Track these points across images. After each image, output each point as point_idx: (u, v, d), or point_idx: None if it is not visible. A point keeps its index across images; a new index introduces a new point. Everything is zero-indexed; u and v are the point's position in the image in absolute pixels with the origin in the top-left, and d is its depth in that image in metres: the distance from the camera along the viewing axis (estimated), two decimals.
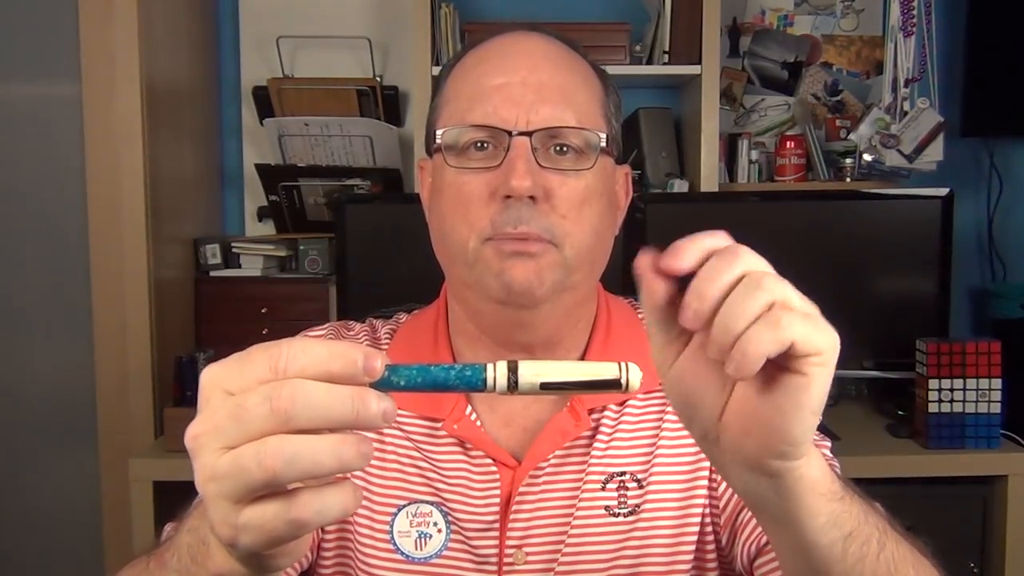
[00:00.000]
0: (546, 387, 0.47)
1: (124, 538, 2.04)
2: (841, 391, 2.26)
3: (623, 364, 0.48)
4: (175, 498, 0.89)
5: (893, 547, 0.61)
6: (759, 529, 0.79)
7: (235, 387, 0.46)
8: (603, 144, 0.81)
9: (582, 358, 0.87)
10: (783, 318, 0.47)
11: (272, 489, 0.45)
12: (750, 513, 0.79)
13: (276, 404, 0.44)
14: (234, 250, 2.36)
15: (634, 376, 0.47)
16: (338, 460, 0.44)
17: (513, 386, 0.47)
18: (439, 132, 0.82)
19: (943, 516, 1.88)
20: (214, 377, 0.47)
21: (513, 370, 0.47)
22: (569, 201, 0.79)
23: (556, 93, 0.80)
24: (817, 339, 0.48)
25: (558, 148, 0.80)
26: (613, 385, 0.47)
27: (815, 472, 0.54)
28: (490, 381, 0.46)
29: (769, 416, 0.49)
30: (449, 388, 0.47)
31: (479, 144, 0.80)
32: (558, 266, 0.79)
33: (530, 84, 0.80)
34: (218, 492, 0.45)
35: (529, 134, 0.78)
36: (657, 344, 0.53)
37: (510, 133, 0.78)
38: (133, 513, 1.92)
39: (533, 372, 0.47)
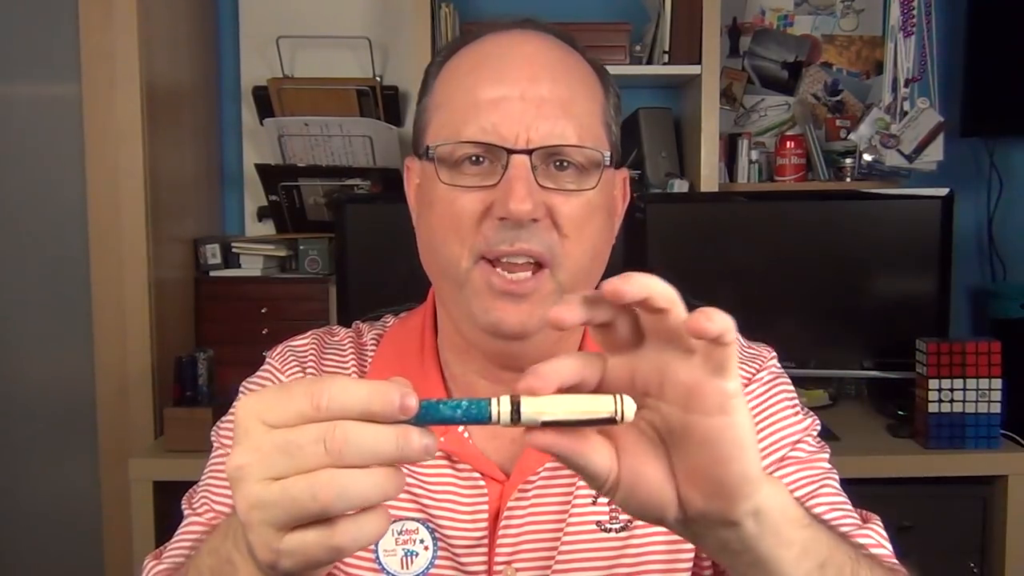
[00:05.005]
0: (547, 424, 0.49)
1: (124, 538, 2.04)
2: (841, 391, 2.25)
3: (617, 396, 0.50)
4: (175, 498, 0.89)
5: (867, 572, 0.61)
6: None
7: (276, 420, 0.48)
8: (606, 162, 0.77)
9: None
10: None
11: (318, 518, 0.47)
12: None
13: (331, 445, 0.46)
14: (234, 250, 2.36)
15: (628, 408, 0.50)
16: (383, 494, 0.47)
17: (516, 421, 0.49)
18: (432, 146, 0.77)
19: (943, 516, 1.87)
20: (252, 409, 0.48)
21: (515, 405, 0.49)
22: (571, 220, 0.75)
23: (557, 108, 0.75)
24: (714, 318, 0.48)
25: (559, 164, 0.76)
26: (609, 421, 0.50)
27: (779, 499, 0.54)
28: (494, 416, 0.49)
29: (717, 472, 0.50)
30: (456, 423, 0.50)
31: (474, 158, 0.75)
32: (551, 295, 0.75)
33: (529, 99, 0.75)
34: (263, 519, 0.48)
35: (529, 152, 0.74)
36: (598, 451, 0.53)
37: (508, 151, 0.74)
38: (133, 513, 1.93)
39: (535, 409, 0.49)
